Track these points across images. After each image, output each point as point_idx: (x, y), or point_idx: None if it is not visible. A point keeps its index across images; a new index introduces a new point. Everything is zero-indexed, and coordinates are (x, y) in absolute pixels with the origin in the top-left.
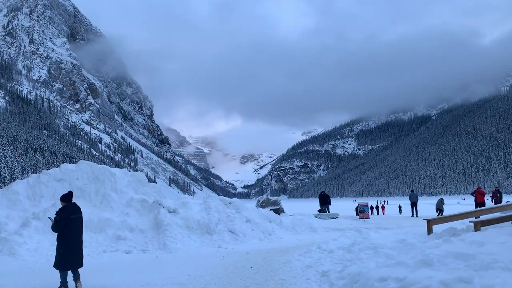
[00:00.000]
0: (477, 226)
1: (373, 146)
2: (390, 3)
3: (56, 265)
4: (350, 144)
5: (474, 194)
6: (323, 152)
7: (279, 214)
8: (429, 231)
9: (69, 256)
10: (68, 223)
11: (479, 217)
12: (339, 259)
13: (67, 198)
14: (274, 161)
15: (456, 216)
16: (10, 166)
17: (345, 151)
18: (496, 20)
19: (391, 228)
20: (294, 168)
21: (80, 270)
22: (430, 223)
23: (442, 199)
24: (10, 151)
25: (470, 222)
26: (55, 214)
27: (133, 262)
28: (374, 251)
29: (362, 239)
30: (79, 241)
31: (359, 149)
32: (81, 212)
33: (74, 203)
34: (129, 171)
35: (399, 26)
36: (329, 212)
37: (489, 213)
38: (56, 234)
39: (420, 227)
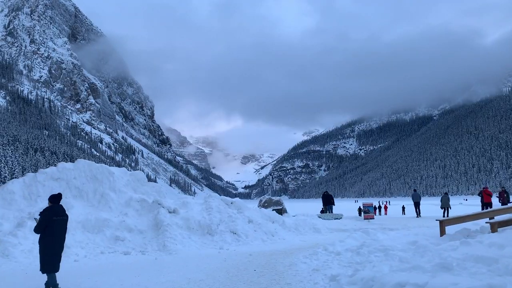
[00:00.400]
0: (494, 227)
1: (374, 147)
2: (391, 3)
3: (42, 269)
4: (351, 144)
5: (480, 195)
6: (324, 152)
7: (281, 215)
8: (442, 232)
9: (51, 258)
10: (49, 225)
11: (493, 218)
12: (347, 262)
13: (53, 199)
14: (275, 161)
15: (470, 217)
16: (11, 166)
17: (346, 151)
18: (498, 20)
19: (397, 229)
20: (295, 169)
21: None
22: (443, 224)
23: (446, 194)
24: (10, 151)
25: (486, 223)
26: (38, 215)
27: (131, 264)
28: (384, 254)
29: (371, 240)
30: (61, 244)
31: (360, 149)
32: (66, 215)
33: (60, 205)
34: (129, 170)
35: (401, 26)
36: (332, 212)
37: (503, 213)
38: (39, 236)
39: (427, 227)
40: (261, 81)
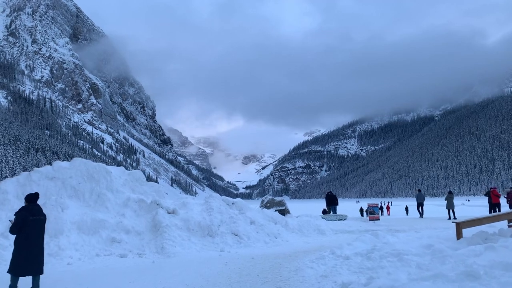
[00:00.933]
0: None
1: (375, 147)
2: (393, 3)
3: (9, 270)
4: (352, 144)
5: (488, 195)
6: (325, 152)
7: (284, 215)
8: (459, 235)
9: (24, 260)
10: (24, 225)
11: None
12: (358, 268)
13: (29, 198)
14: (276, 162)
15: (488, 219)
16: (12, 165)
17: (348, 151)
18: (500, 20)
19: (404, 230)
20: (296, 169)
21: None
22: (460, 226)
23: (451, 192)
24: (11, 151)
25: (509, 225)
26: (14, 215)
27: (127, 268)
28: (398, 259)
29: (381, 244)
30: (38, 246)
31: (361, 149)
32: (43, 215)
33: (37, 204)
34: (128, 169)
35: (403, 26)
36: (335, 213)
37: None
38: (14, 237)
39: (435, 229)
40: (263, 81)
